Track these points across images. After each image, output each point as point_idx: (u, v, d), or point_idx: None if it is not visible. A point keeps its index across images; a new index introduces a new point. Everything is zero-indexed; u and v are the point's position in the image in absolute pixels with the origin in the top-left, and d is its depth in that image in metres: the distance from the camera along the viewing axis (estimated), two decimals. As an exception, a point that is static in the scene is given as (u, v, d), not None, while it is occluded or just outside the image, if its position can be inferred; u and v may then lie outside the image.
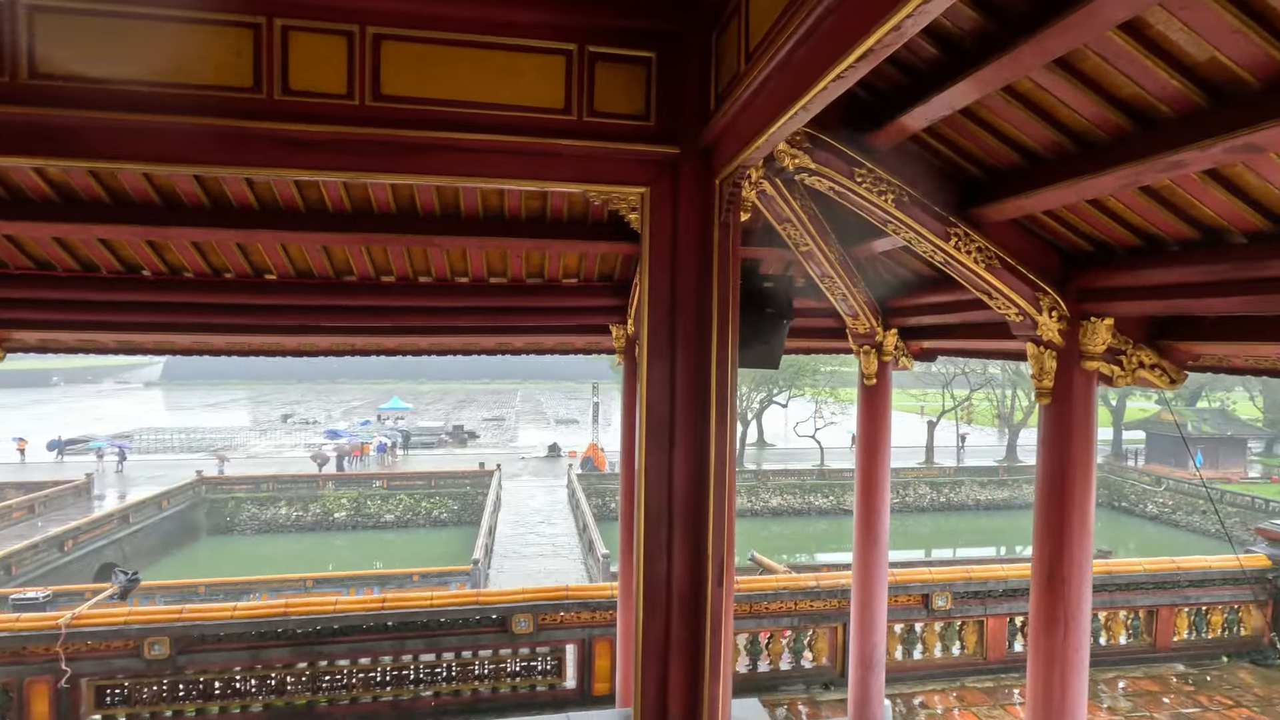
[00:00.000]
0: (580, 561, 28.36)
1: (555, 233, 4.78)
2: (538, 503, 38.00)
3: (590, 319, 5.76)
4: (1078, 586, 3.84)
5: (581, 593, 7.35)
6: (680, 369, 3.42)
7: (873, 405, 6.06)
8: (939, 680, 7.85)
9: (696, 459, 3.38)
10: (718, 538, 3.34)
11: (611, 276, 5.64)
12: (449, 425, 62.68)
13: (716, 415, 3.32)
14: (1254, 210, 2.77)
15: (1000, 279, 3.68)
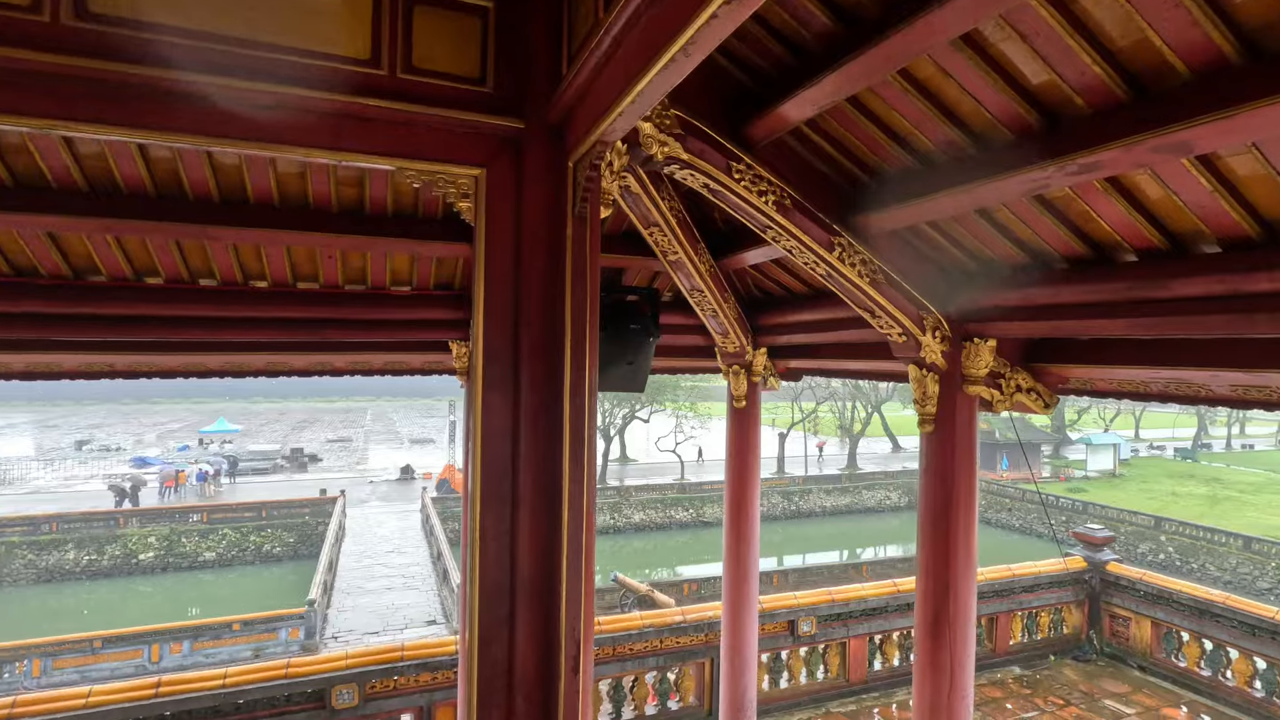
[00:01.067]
0: (434, 593, 26.39)
1: (377, 229, 3.90)
2: (387, 530, 35.16)
3: (426, 334, 4.87)
4: (964, 629, 3.56)
5: (419, 651, 6.34)
6: (526, 398, 2.71)
7: (742, 428, 5.67)
8: (804, 709, 7.64)
9: (547, 514, 2.68)
10: (574, 611, 2.65)
11: (451, 285, 4.81)
12: (286, 448, 56.96)
13: (572, 457, 2.65)
14: (1151, 225, 2.56)
15: (885, 296, 3.34)
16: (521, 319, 2.68)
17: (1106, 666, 8.83)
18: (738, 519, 5.60)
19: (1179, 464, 56.24)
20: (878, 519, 49.23)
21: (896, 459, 60.60)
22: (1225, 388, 3.24)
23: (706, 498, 44.45)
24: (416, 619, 23.70)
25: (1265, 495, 44.55)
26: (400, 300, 4.70)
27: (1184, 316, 2.52)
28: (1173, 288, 2.54)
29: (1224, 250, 2.44)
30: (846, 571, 29.90)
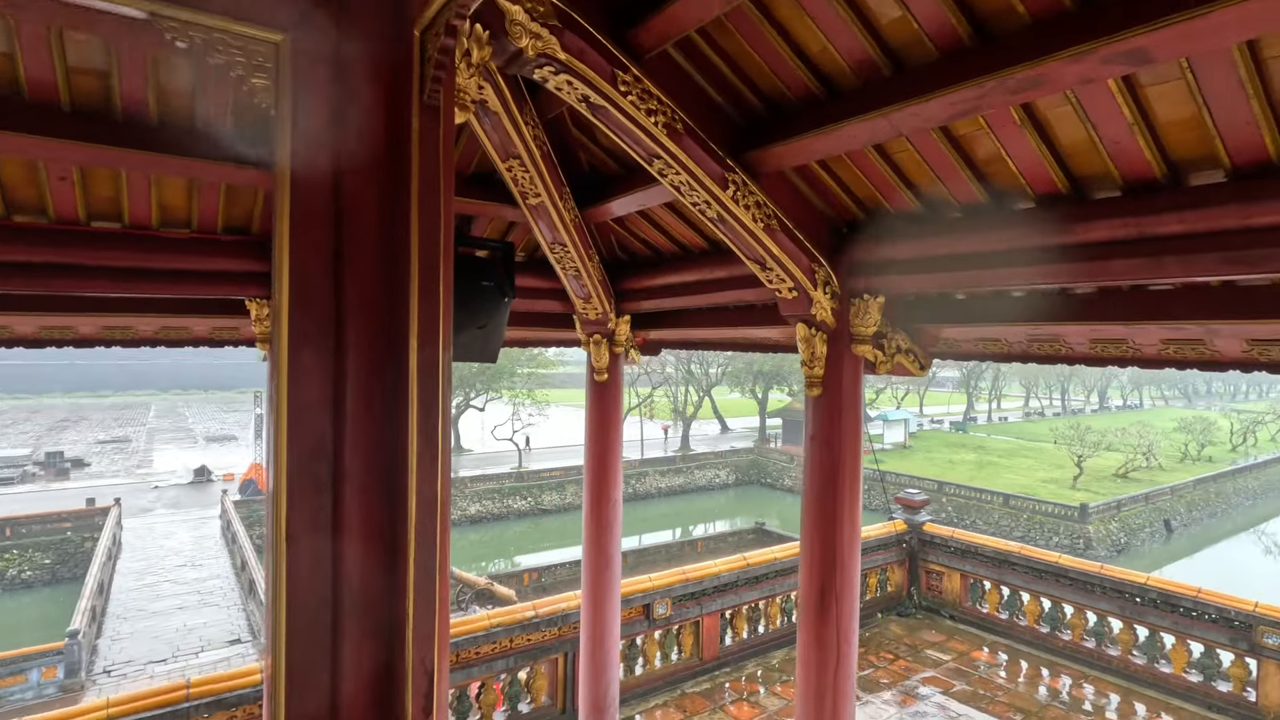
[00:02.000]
0: (238, 608, 23.29)
1: (134, 138, 2.87)
2: (178, 541, 30.52)
3: (213, 290, 3.82)
4: (850, 603, 3.37)
5: (211, 686, 5.17)
6: (354, 356, 2.00)
7: (603, 403, 5.21)
8: (660, 693, 7.43)
9: (385, 505, 2.00)
10: (425, 633, 2.01)
11: (248, 228, 3.80)
12: (39, 452, 47.66)
13: (422, 431, 1.99)
14: (1059, 167, 2.43)
15: (779, 244, 3.01)
16: (346, 245, 1.97)
17: (925, 619, 9.61)
18: (599, 502, 5.15)
19: (954, 435, 65.10)
20: (708, 497, 51.72)
21: (725, 439, 64.08)
22: (1085, 344, 3.31)
23: (545, 485, 43.90)
24: (216, 639, 20.76)
25: (1016, 459, 52.84)
26: (174, 245, 3.62)
27: (1088, 263, 2.42)
28: (1077, 232, 2.43)
29: (1126, 193, 2.36)
30: (683, 549, 30.93)
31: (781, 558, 8.55)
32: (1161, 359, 3.11)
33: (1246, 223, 2.06)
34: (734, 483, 54.35)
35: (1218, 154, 2.10)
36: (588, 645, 5.17)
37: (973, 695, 7.47)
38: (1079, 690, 7.64)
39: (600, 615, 5.13)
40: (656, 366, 59.75)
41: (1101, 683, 7.76)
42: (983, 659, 8.41)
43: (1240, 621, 7.02)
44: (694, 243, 4.18)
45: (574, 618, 6.70)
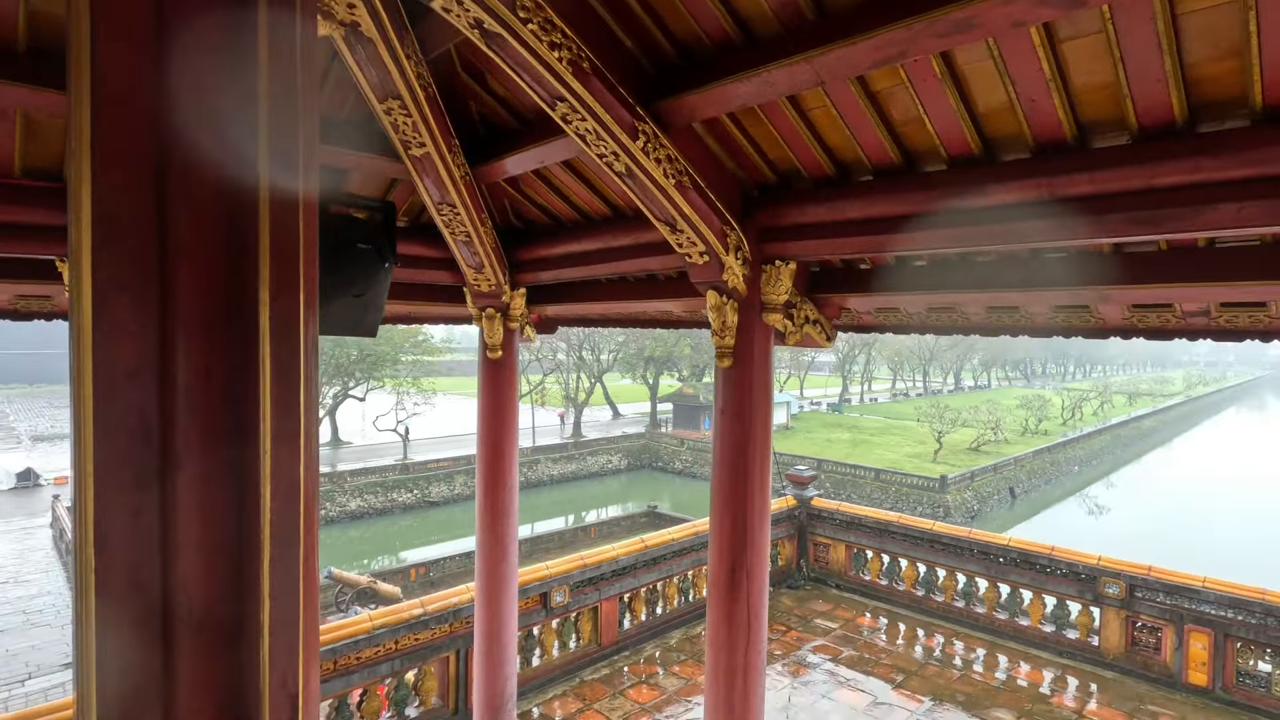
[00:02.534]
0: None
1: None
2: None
3: (12, 247, 3.12)
4: (760, 579, 3.28)
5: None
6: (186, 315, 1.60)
7: (497, 383, 4.86)
8: (559, 683, 7.20)
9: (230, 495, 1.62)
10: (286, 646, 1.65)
11: (57, 172, 3.12)
12: None
13: (278, 403, 1.62)
14: (974, 127, 2.39)
15: (690, 203, 2.82)
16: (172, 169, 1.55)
17: (813, 590, 9.98)
18: (493, 488, 4.81)
19: (830, 416, 69.11)
20: (601, 483, 51.87)
21: (617, 425, 64.45)
22: (981, 313, 3.38)
23: (432, 477, 42.26)
24: (48, 663, 18.33)
25: (886, 436, 56.85)
26: (-46, 189, 2.90)
27: (1001, 225, 2.41)
28: (991, 194, 2.41)
29: (1036, 155, 2.35)
30: (576, 536, 30.76)
31: (679, 538, 8.54)
32: (1050, 327, 3.22)
33: (1151, 183, 2.09)
34: (626, 468, 54.80)
35: (1126, 116, 2.11)
36: (483, 640, 4.84)
37: (859, 660, 7.81)
38: (951, 647, 8.19)
39: (496, 607, 4.81)
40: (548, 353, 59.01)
41: (970, 638, 8.36)
42: (866, 624, 8.83)
43: (1086, 574, 7.76)
44: (595, 209, 3.93)
45: (466, 612, 6.32)
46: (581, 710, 6.70)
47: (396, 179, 3.75)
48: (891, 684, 7.25)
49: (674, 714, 6.65)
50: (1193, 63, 1.92)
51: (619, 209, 3.84)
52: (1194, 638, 7.01)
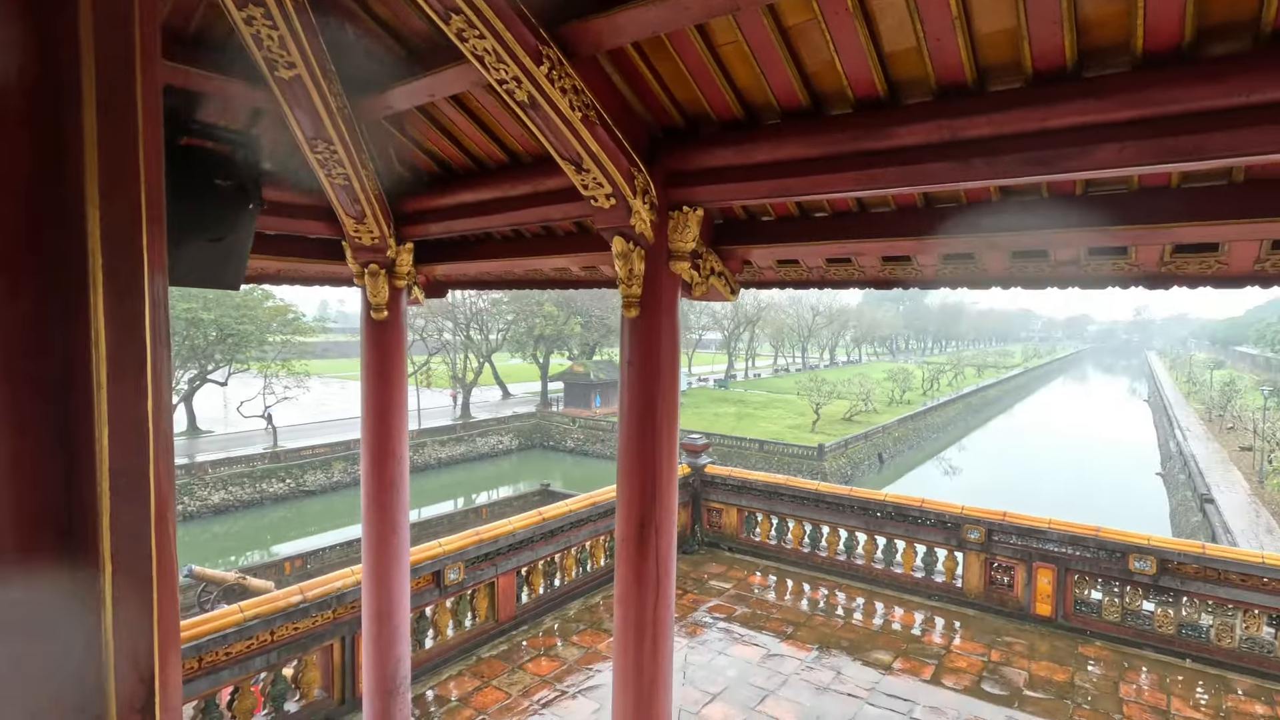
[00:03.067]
0: None
1: None
2: None
3: None
4: (668, 534, 3.24)
5: None
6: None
7: (383, 347, 4.51)
8: (454, 663, 6.94)
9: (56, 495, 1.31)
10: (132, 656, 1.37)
11: None
12: None
13: (115, 369, 1.29)
14: (881, 69, 2.40)
15: (598, 140, 2.67)
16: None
17: (707, 555, 10.24)
18: (380, 459, 4.47)
19: (718, 391, 71.39)
20: (492, 464, 50.85)
21: (508, 405, 63.30)
22: (876, 265, 3.48)
23: (308, 464, 39.67)
24: None
25: (769, 410, 59.52)
26: None
27: (906, 167, 2.44)
28: (896, 136, 2.44)
29: (938, 98, 2.40)
30: (467, 517, 29.99)
31: (576, 509, 8.45)
32: (939, 278, 3.36)
33: (1044, 125, 2.18)
34: (518, 448, 54.03)
35: (1023, 60, 2.19)
36: (372, 623, 4.52)
37: (751, 617, 8.10)
38: (834, 598, 8.68)
39: (386, 587, 4.50)
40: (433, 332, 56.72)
41: (852, 589, 8.90)
42: (757, 583, 9.18)
43: (951, 522, 8.45)
44: (490, 154, 3.67)
45: (352, 596, 5.92)
46: (479, 688, 6.50)
47: (261, 109, 3.31)
48: (782, 636, 7.57)
49: (576, 683, 6.60)
50: (1085, 8, 2.00)
51: (516, 155, 3.61)
52: (1041, 574, 7.83)
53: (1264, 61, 1.86)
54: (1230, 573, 6.86)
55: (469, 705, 6.21)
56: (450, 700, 6.30)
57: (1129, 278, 2.91)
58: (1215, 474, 38.52)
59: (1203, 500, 33.53)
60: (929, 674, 6.76)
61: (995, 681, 6.61)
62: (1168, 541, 7.35)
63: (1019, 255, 3.08)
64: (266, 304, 42.24)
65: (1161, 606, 7.24)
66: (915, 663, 6.99)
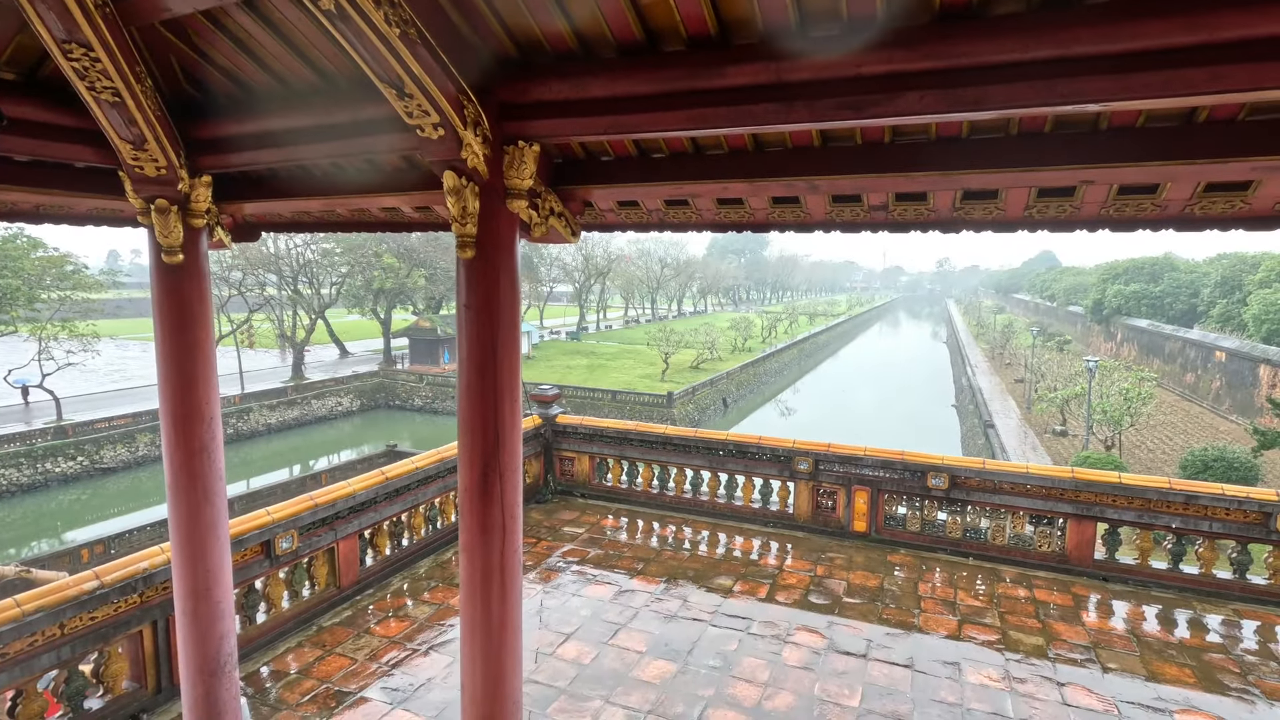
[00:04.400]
0: None
1: None
2: None
3: None
4: (513, 478, 3.20)
5: None
6: None
7: (179, 294, 3.95)
8: (293, 635, 6.52)
9: None
10: None
11: None
12: None
13: None
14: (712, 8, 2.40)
15: (420, 62, 2.46)
16: None
17: (560, 503, 10.36)
18: (186, 422, 3.98)
19: (570, 344, 71.51)
20: (331, 426, 47.64)
21: (346, 364, 59.20)
22: (712, 209, 3.58)
23: (104, 438, 34.84)
24: None
25: (620, 360, 60.72)
26: None
27: (735, 107, 2.49)
28: (728, 76, 2.47)
29: (763, 41, 2.46)
30: (304, 484, 27.99)
31: (423, 465, 8.15)
32: (769, 222, 3.53)
33: (858, 72, 2.30)
34: (359, 409, 50.98)
35: (839, 7, 2.28)
36: (187, 599, 4.09)
37: (604, 558, 8.36)
38: (681, 533, 9.17)
39: (202, 561, 4.08)
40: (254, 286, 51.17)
41: (698, 524, 9.45)
42: (609, 525, 9.46)
43: (784, 456, 9.18)
44: (299, 74, 3.27)
45: (162, 577, 5.32)
46: (321, 658, 6.17)
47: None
48: (633, 573, 7.90)
49: (427, 640, 6.47)
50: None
51: (330, 76, 3.25)
52: (858, 495, 8.77)
53: (1037, 22, 2.09)
54: (1004, 483, 8.11)
55: (310, 676, 5.89)
56: (289, 674, 5.93)
57: (928, 222, 3.22)
58: (996, 403, 45.11)
59: (986, 426, 39.22)
60: (764, 593, 7.40)
61: (820, 593, 7.38)
62: (957, 460, 8.51)
63: (837, 200, 3.30)
64: (36, 254, 35.74)
65: (951, 515, 8.43)
66: (752, 584, 7.61)
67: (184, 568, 4.06)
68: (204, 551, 4.08)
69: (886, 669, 5.96)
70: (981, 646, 6.32)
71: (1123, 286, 60.45)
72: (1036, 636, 6.50)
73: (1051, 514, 7.94)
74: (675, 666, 6.00)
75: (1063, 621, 6.80)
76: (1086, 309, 68.15)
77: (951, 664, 6.04)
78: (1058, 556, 7.94)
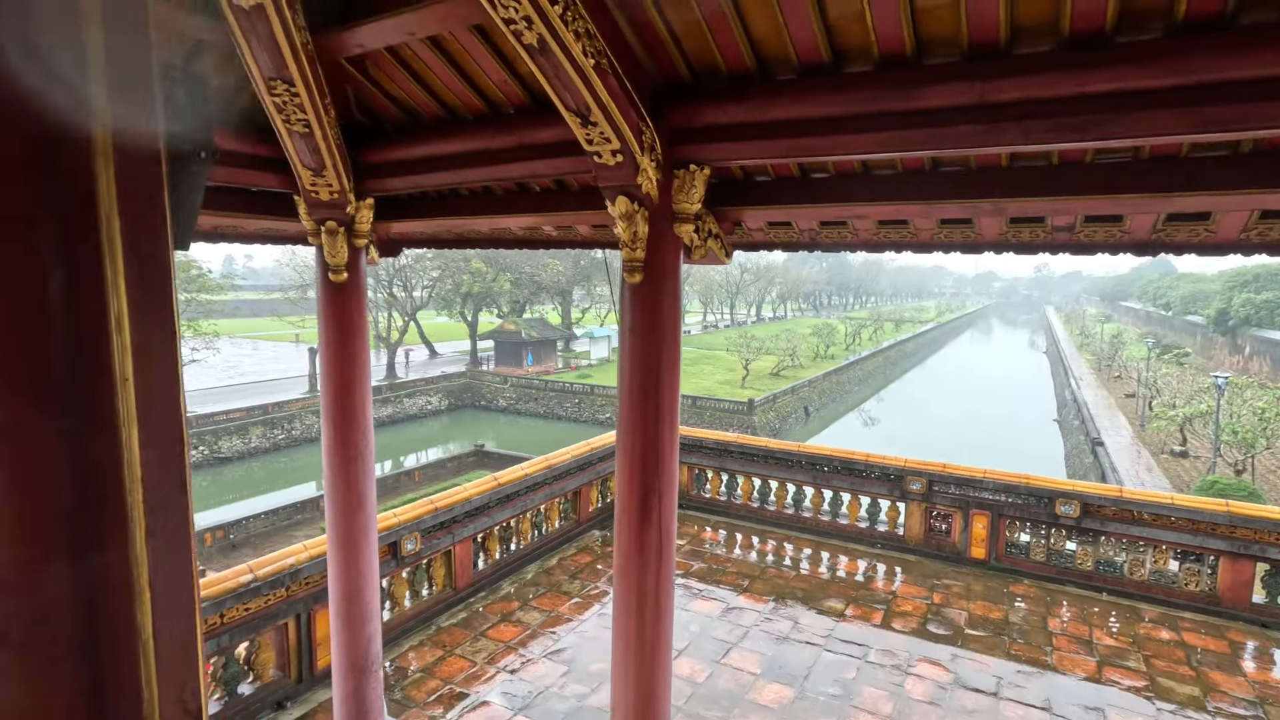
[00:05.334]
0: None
1: None
2: None
3: None
4: (670, 502, 3.18)
5: None
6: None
7: (342, 312, 4.18)
8: (414, 634, 6.79)
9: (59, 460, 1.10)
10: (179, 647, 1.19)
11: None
12: None
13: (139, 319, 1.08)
14: (911, 24, 2.30)
15: (609, 90, 2.48)
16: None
17: (658, 511, 10.34)
18: (344, 431, 4.20)
19: (649, 348, 71.69)
20: (421, 425, 49.67)
21: (435, 365, 61.68)
22: (873, 228, 3.46)
23: (222, 430, 37.64)
24: None
25: (700, 365, 60.46)
26: None
27: (931, 130, 2.38)
28: (923, 97, 2.36)
29: (966, 59, 2.33)
30: (400, 480, 29.32)
31: (532, 473, 8.32)
32: (933, 243, 3.37)
33: (1082, 90, 2.15)
34: (447, 408, 52.93)
35: (1060, 20, 2.14)
36: (341, 603, 4.31)
37: (708, 572, 8.28)
38: (784, 550, 8.98)
39: (354, 564, 4.29)
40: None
41: (800, 541, 9.22)
42: (709, 538, 9.37)
43: (895, 475, 8.83)
44: (468, 103, 3.38)
45: (306, 573, 5.64)
46: (443, 658, 6.38)
47: (207, 41, 2.90)
48: (739, 590, 7.79)
49: (542, 647, 6.58)
50: (1130, -33, 1.96)
51: (497, 104, 3.34)
52: (976, 520, 8.32)
53: (1302, 33, 1.88)
54: (1144, 513, 7.49)
55: (433, 675, 6.10)
56: (414, 672, 6.17)
57: (1119, 244, 2.99)
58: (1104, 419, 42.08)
59: (1094, 443, 36.62)
60: (878, 619, 7.12)
61: (939, 622, 7.03)
62: (1090, 487, 7.93)
63: (1015, 221, 3.11)
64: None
65: (1082, 545, 7.86)
66: (865, 608, 7.34)
67: (339, 570, 4.28)
68: (356, 555, 4.28)
69: (1021, 710, 5.59)
70: (1127, 693, 5.84)
71: (1252, 295, 55.19)
72: (1190, 685, 5.95)
73: (1201, 550, 7.27)
74: (792, 692, 5.85)
75: (1219, 670, 6.20)
76: (1209, 319, 62.63)
77: (1094, 710, 5.61)
78: (1207, 597, 7.27)
